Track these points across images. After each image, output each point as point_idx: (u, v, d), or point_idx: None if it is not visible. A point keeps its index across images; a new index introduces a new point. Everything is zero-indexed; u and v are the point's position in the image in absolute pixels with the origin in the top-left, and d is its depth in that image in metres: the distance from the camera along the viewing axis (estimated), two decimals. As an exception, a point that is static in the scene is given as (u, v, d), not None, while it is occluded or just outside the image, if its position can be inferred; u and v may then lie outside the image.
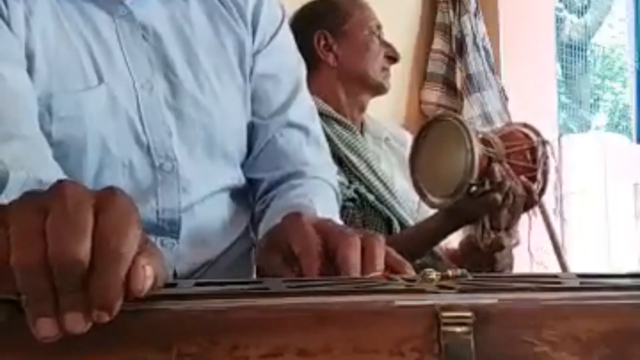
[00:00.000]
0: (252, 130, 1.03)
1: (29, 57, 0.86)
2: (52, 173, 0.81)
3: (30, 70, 0.86)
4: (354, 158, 1.59)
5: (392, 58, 1.72)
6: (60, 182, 0.46)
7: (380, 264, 0.69)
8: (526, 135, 1.34)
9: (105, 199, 0.45)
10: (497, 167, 1.26)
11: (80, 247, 0.42)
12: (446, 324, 0.43)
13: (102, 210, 0.44)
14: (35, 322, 0.42)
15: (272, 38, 1.05)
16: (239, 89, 1.01)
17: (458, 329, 0.43)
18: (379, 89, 1.72)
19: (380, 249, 0.71)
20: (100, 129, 0.89)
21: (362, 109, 1.72)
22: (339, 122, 1.63)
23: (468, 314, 0.43)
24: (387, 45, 1.71)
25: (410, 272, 0.71)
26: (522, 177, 1.29)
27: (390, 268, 0.71)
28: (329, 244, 0.71)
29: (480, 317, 0.43)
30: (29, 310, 0.42)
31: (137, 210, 0.46)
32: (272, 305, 0.45)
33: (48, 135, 0.86)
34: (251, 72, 1.03)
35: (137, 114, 0.91)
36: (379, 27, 1.72)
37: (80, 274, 0.42)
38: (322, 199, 0.97)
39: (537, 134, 1.34)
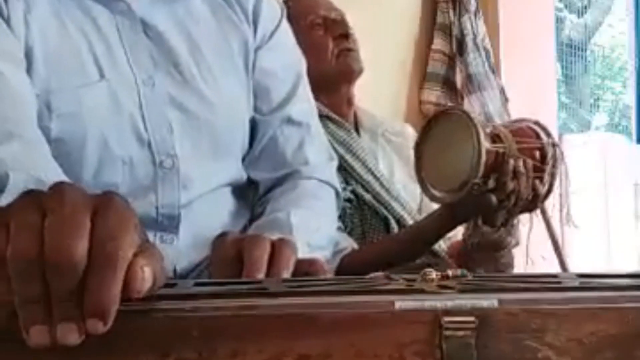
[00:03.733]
0: (252, 126, 1.03)
1: (28, 55, 0.86)
2: (52, 174, 0.81)
3: (29, 68, 0.86)
4: (349, 158, 1.56)
5: (344, 35, 1.58)
6: (59, 183, 0.46)
7: (287, 264, 0.72)
8: (536, 134, 1.32)
9: (103, 203, 0.44)
10: (511, 162, 1.23)
11: (77, 247, 0.42)
12: (448, 329, 0.42)
13: (99, 213, 0.44)
14: (28, 329, 0.41)
15: (272, 35, 1.06)
16: (243, 84, 1.02)
17: (460, 334, 0.42)
18: (349, 74, 1.59)
19: (289, 251, 0.74)
20: (101, 125, 0.88)
21: (350, 101, 1.64)
22: (333, 121, 1.59)
23: (470, 318, 0.43)
24: (333, 24, 1.58)
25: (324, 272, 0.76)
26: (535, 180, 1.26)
27: (305, 270, 0.74)
28: (242, 250, 0.75)
29: (482, 322, 0.43)
30: (22, 314, 0.42)
31: (134, 214, 0.46)
32: (272, 308, 0.44)
33: (47, 132, 0.86)
34: (253, 68, 1.03)
35: (139, 110, 0.91)
36: (317, 15, 1.58)
37: (75, 276, 0.41)
38: (304, 209, 0.97)
39: (548, 134, 1.32)
